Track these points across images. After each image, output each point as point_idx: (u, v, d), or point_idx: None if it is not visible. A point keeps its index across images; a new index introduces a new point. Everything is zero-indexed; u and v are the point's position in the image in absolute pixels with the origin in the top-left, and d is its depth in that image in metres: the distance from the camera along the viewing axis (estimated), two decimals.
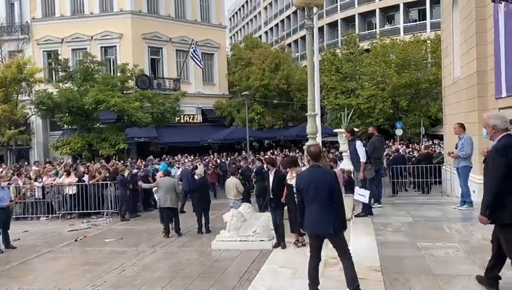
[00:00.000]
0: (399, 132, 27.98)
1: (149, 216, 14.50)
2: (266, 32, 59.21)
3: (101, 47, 30.02)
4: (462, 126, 9.32)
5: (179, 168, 18.01)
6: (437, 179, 14.37)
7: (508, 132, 4.57)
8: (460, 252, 6.17)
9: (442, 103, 15.74)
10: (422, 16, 39.01)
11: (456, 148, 9.38)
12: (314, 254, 5.16)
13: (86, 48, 29.08)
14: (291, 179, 8.02)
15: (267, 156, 19.11)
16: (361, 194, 8.44)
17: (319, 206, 4.96)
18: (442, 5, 14.88)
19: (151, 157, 22.99)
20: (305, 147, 10.73)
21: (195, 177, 12.17)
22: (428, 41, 31.43)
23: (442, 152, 16.59)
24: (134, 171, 15.67)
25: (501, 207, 4.30)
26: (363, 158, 9.08)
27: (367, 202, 8.63)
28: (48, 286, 7.63)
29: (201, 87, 33.11)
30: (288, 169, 8.52)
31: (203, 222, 11.15)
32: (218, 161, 21.78)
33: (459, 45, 12.23)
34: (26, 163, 25.36)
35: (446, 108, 14.66)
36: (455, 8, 12.62)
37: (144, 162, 20.16)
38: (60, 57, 25.68)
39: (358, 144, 9.21)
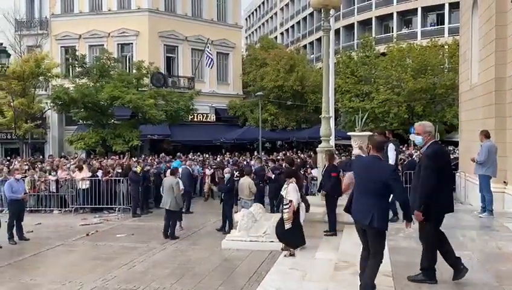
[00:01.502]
0: (413, 137, 27.62)
1: (160, 213, 14.48)
2: (282, 33, 59.17)
3: (118, 44, 30.28)
4: (483, 133, 9.31)
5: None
6: None
7: (435, 140, 5.39)
8: (473, 260, 6.08)
9: (458, 109, 15.55)
10: (440, 20, 38.59)
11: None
12: (364, 245, 5.05)
13: (102, 45, 29.37)
14: (284, 190, 7.97)
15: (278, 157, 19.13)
16: None
17: (366, 197, 4.88)
18: (462, 9, 14.71)
19: (163, 154, 23.11)
20: (318, 149, 10.72)
21: (225, 176, 11.88)
22: (446, 47, 31.07)
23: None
24: (147, 168, 15.76)
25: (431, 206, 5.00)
26: (392, 161, 8.96)
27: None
28: (59, 278, 7.71)
29: (215, 86, 33.21)
30: (287, 180, 8.22)
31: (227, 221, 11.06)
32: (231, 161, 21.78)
33: (477, 51, 12.07)
34: (41, 157, 25.70)
35: (462, 114, 14.49)
36: (475, 13, 12.45)
37: (156, 159, 20.30)
38: (77, 53, 25.93)
39: (390, 147, 9.10)
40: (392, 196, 5.69)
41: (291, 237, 8.03)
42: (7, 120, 24.75)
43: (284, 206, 7.95)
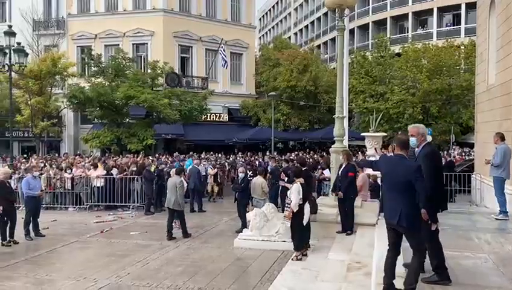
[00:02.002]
0: (428, 139, 27.30)
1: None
2: (296, 34, 59.02)
3: (133, 44, 30.57)
4: (498, 135, 9.21)
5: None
6: (462, 188, 14.05)
7: (427, 141, 5.65)
8: (489, 263, 5.99)
9: (474, 110, 15.34)
10: (456, 20, 38.09)
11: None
12: (391, 245, 5.00)
13: (118, 44, 29.64)
14: (293, 191, 7.89)
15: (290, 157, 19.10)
16: None
17: (393, 196, 4.88)
18: (479, 9, 14.50)
19: (177, 153, 23.26)
20: (331, 150, 10.68)
21: (239, 175, 11.90)
22: (462, 47, 30.65)
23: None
24: (161, 166, 15.88)
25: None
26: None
27: None
28: (74, 274, 7.83)
29: (228, 86, 33.31)
30: (295, 180, 8.13)
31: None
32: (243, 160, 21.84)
33: (495, 51, 11.89)
34: (56, 155, 26.08)
35: (478, 116, 14.28)
36: (492, 12, 12.27)
37: (170, 158, 20.46)
38: (93, 53, 26.24)
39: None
40: None
41: (294, 238, 8.00)
42: (24, 118, 25.16)
43: (286, 205, 7.95)
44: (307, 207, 7.89)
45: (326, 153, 22.59)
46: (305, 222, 7.88)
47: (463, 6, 36.27)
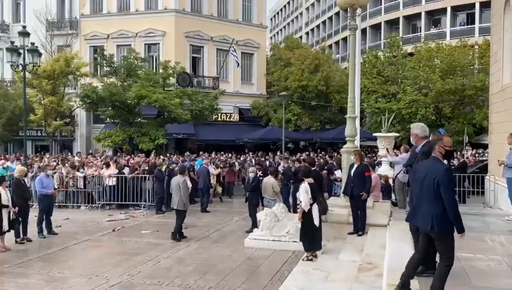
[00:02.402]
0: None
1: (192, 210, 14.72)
2: (307, 33, 58.84)
3: (145, 44, 30.75)
4: None
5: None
6: (475, 189, 13.88)
7: (428, 139, 5.79)
8: (503, 265, 5.91)
9: (489, 110, 15.14)
10: (470, 20, 37.63)
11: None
12: (417, 248, 4.94)
13: (130, 44, 29.86)
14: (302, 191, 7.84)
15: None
16: None
17: (423, 200, 4.74)
18: (493, 8, 14.31)
19: (188, 153, 23.35)
20: (342, 150, 10.63)
21: (250, 175, 11.94)
22: (476, 47, 30.26)
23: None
24: (173, 165, 15.94)
25: None
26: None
27: None
28: (86, 272, 7.91)
29: (239, 86, 33.33)
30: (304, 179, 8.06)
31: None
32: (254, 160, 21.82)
33: (509, 51, 11.72)
34: (69, 154, 26.36)
35: (492, 116, 14.09)
36: (507, 11, 12.10)
37: (181, 158, 20.54)
38: (105, 53, 26.47)
39: None
40: None
41: (304, 239, 7.96)
42: (38, 118, 25.46)
43: (298, 206, 7.92)
44: (315, 208, 7.83)
45: (337, 153, 22.48)
46: (316, 223, 7.83)
47: (477, 5, 35.81)
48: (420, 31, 39.31)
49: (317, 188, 8.23)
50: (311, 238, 7.88)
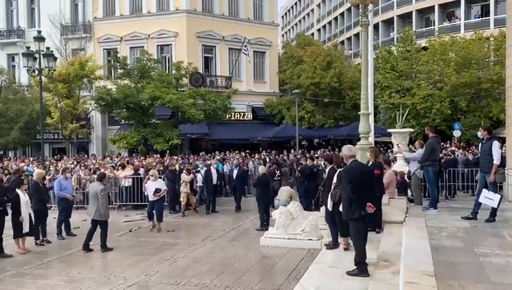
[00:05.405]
0: (457, 134, 26.73)
1: (199, 210, 14.83)
2: (319, 30, 58.55)
3: (158, 45, 30.98)
4: None
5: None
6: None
7: (355, 158, 6.65)
8: None
9: (506, 103, 14.86)
10: (485, 11, 36.97)
11: None
12: None
13: (143, 46, 30.11)
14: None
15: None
16: (490, 198, 8.02)
17: None
18: None
19: (203, 153, 23.48)
20: (357, 147, 10.55)
21: (260, 171, 12.01)
22: (492, 39, 29.73)
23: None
24: (185, 165, 16.05)
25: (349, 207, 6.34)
26: (497, 160, 8.36)
27: (496, 206, 8.11)
28: (104, 272, 8.03)
29: (252, 85, 33.35)
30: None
31: (265, 218, 11.19)
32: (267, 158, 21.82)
33: None
34: (85, 156, 26.71)
35: (509, 109, 13.82)
36: None
37: (194, 157, 20.66)
38: (118, 55, 26.73)
39: (495, 144, 8.45)
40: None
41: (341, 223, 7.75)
42: (54, 121, 25.88)
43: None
44: (329, 198, 7.70)
45: None
46: (330, 208, 7.71)
47: None
48: (434, 25, 38.77)
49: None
50: (342, 224, 7.75)
